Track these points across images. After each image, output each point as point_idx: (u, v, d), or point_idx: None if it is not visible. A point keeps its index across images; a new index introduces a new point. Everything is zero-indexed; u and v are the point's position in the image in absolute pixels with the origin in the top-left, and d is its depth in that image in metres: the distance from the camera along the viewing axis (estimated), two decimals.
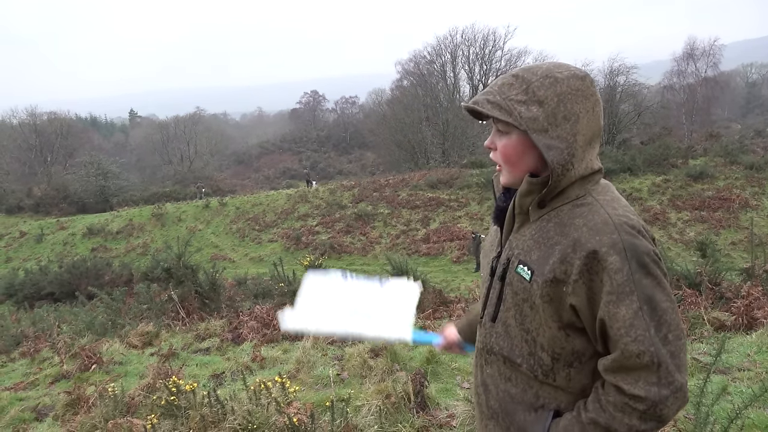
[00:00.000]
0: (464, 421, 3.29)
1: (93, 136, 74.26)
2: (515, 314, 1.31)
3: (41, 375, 5.32)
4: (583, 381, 1.29)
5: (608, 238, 1.18)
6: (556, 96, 1.23)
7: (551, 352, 1.28)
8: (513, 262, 1.32)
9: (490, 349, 1.39)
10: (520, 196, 1.30)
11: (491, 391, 1.40)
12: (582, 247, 1.19)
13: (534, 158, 1.29)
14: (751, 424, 3.00)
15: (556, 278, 1.22)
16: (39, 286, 14.93)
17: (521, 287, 1.29)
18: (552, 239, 1.26)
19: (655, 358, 1.15)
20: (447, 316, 6.44)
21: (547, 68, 1.26)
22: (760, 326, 4.64)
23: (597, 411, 1.21)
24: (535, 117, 1.22)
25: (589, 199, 1.27)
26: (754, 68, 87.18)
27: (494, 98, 1.27)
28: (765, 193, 21.02)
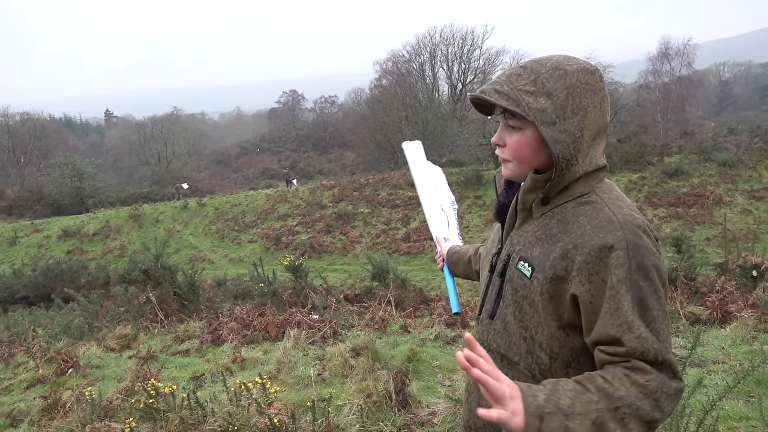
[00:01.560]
0: (446, 419, 3.30)
1: (67, 137, 73.08)
2: (514, 311, 1.30)
3: (16, 380, 5.21)
4: None
5: (612, 235, 1.16)
6: (566, 89, 1.20)
7: (549, 351, 1.26)
8: (513, 258, 1.31)
9: (488, 346, 1.36)
10: (524, 192, 1.28)
11: None
12: (584, 244, 1.17)
13: (545, 156, 1.26)
14: (726, 415, 3.06)
15: (557, 275, 1.20)
16: (13, 290, 14.63)
17: (521, 284, 1.27)
18: (554, 236, 1.24)
19: (651, 355, 1.13)
20: (428, 314, 6.46)
21: (556, 60, 1.23)
22: (733, 320, 4.74)
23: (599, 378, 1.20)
24: (543, 108, 1.19)
25: (594, 197, 1.25)
26: (727, 67, 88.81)
27: (502, 88, 1.23)
28: (738, 189, 21.43)
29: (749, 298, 5.01)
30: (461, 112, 48.34)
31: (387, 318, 5.94)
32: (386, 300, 6.61)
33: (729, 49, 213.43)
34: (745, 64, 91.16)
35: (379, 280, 8.26)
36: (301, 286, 7.52)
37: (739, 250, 6.57)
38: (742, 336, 4.33)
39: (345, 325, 5.78)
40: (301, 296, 7.27)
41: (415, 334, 5.39)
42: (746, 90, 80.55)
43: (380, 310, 6.12)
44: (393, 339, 5.26)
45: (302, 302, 7.07)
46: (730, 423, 2.99)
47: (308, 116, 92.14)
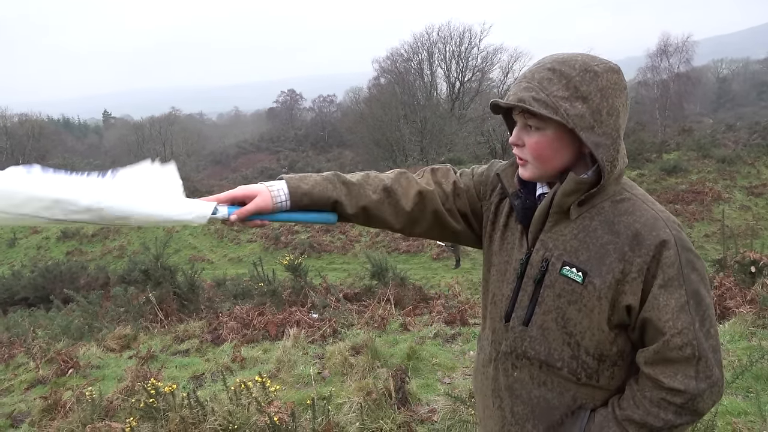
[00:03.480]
0: (445, 416, 3.31)
1: (66, 138, 72.92)
2: (556, 317, 1.26)
3: (16, 381, 5.22)
4: (624, 377, 1.28)
5: (664, 233, 1.17)
6: (599, 91, 1.18)
7: (598, 354, 1.25)
8: (554, 263, 1.26)
9: (523, 353, 1.31)
10: (563, 195, 1.23)
11: (520, 396, 1.33)
12: (641, 245, 1.17)
13: (568, 155, 1.24)
14: (725, 410, 3.07)
15: (615, 278, 1.19)
16: (12, 291, 14.61)
17: (568, 289, 1.23)
18: (601, 238, 1.22)
19: (697, 352, 1.16)
20: (427, 312, 6.47)
21: (583, 61, 1.20)
22: (732, 316, 4.75)
23: (632, 408, 1.22)
24: (582, 114, 1.16)
25: (626, 194, 1.25)
26: (725, 64, 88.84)
27: (539, 95, 1.18)
28: (736, 185, 21.46)
29: (748, 294, 5.03)
30: (460, 111, 48.34)
31: (386, 316, 5.95)
32: (386, 298, 6.62)
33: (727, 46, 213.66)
34: (743, 60, 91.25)
35: (379, 278, 8.27)
36: (300, 285, 7.53)
37: (737, 246, 6.57)
38: (741, 332, 4.35)
39: (344, 323, 5.78)
40: (300, 295, 7.27)
41: (414, 332, 5.40)
42: (744, 87, 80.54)
43: (380, 309, 6.13)
44: (392, 337, 5.26)
45: (302, 301, 7.08)
46: (729, 418, 3.00)
47: (307, 116, 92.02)
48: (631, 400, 1.22)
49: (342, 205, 1.38)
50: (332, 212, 1.39)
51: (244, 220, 1.34)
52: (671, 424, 1.19)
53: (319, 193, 1.36)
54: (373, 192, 1.40)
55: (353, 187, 1.39)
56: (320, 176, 1.40)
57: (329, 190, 1.37)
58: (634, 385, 1.24)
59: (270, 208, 1.34)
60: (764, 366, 3.47)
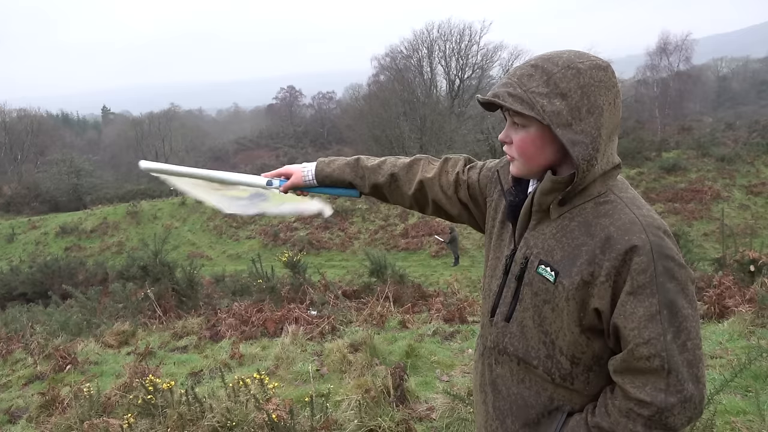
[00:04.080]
0: (444, 414, 3.31)
1: (65, 134, 72.79)
2: (533, 315, 1.27)
3: (14, 376, 5.21)
4: (601, 384, 1.26)
5: (637, 238, 1.14)
6: (580, 88, 1.16)
7: (571, 356, 1.24)
8: (532, 261, 1.27)
9: (504, 349, 1.33)
10: (541, 193, 1.24)
11: (501, 392, 1.35)
12: (611, 248, 1.15)
13: (552, 152, 1.23)
14: (723, 409, 3.07)
15: (584, 280, 1.17)
16: (10, 287, 14.61)
17: (543, 288, 1.24)
18: (577, 239, 1.21)
19: (666, 364, 1.12)
20: (426, 310, 6.46)
21: (567, 58, 1.19)
22: (731, 315, 4.75)
23: (602, 415, 1.20)
24: (559, 111, 1.16)
25: (612, 196, 1.22)
26: (725, 62, 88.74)
27: (515, 90, 1.19)
28: (736, 184, 21.48)
29: (747, 293, 5.02)
30: (459, 108, 48.29)
31: (385, 314, 5.94)
32: (384, 296, 6.61)
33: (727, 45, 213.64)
34: (743, 59, 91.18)
35: (378, 275, 8.27)
36: (299, 282, 7.53)
37: (736, 245, 6.59)
38: (740, 331, 4.35)
39: (343, 320, 5.78)
40: (299, 292, 7.27)
41: (413, 330, 5.39)
42: (744, 85, 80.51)
43: (378, 306, 6.12)
44: (391, 335, 5.26)
45: (300, 298, 7.08)
46: (728, 417, 3.00)
47: (306, 112, 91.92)
48: (603, 407, 1.21)
49: (356, 186, 1.70)
50: (353, 189, 1.72)
51: (288, 191, 1.76)
52: None
53: (337, 175, 1.70)
54: (381, 176, 1.65)
55: (366, 171, 1.68)
56: (343, 160, 1.72)
57: (346, 173, 1.69)
58: (608, 393, 1.22)
59: (301, 184, 1.74)
60: (763, 365, 3.47)
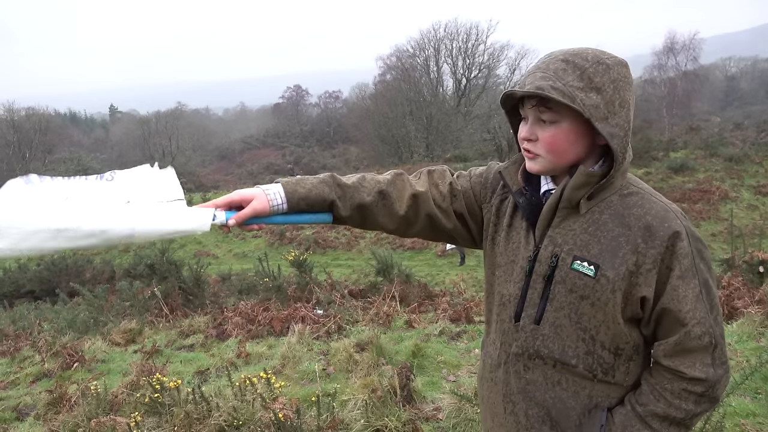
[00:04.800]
0: (450, 414, 3.30)
1: (72, 132, 73.17)
2: (569, 313, 1.25)
3: (22, 374, 5.23)
4: (638, 373, 1.29)
5: (675, 224, 1.19)
6: (612, 83, 1.19)
7: (614, 348, 1.25)
8: (564, 258, 1.25)
9: (536, 353, 1.30)
10: (573, 188, 1.23)
11: (534, 398, 1.31)
12: (654, 236, 1.18)
13: (582, 148, 1.25)
14: (733, 411, 3.05)
15: (629, 270, 1.19)
16: (18, 284, 14.68)
17: (580, 284, 1.23)
18: (612, 231, 1.22)
19: (713, 339, 1.19)
20: (432, 309, 6.45)
21: (594, 54, 1.21)
22: (740, 316, 4.72)
23: (653, 402, 1.22)
24: (597, 104, 1.17)
25: (633, 188, 1.26)
26: (733, 62, 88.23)
27: (556, 84, 1.18)
28: (744, 184, 21.35)
29: (756, 294, 4.99)
30: (466, 108, 48.22)
31: (391, 313, 5.93)
32: (390, 295, 6.60)
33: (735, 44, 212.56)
34: (752, 58, 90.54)
35: (384, 275, 8.27)
36: (305, 281, 7.53)
37: (745, 245, 6.54)
38: (749, 332, 4.32)
39: (349, 320, 5.78)
40: (305, 291, 7.27)
41: (419, 330, 5.38)
42: (752, 85, 80.00)
43: (384, 306, 6.12)
44: (397, 334, 5.25)
45: (307, 297, 7.08)
46: (737, 419, 2.97)
47: (312, 111, 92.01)
48: (650, 394, 1.23)
49: (337, 207, 1.38)
50: (327, 213, 1.38)
51: (242, 224, 1.36)
52: (692, 414, 1.22)
53: (315, 195, 1.36)
54: (368, 195, 1.39)
55: (348, 189, 1.39)
56: (316, 179, 1.39)
57: (325, 192, 1.36)
58: (650, 379, 1.25)
59: (267, 211, 1.35)
60: None
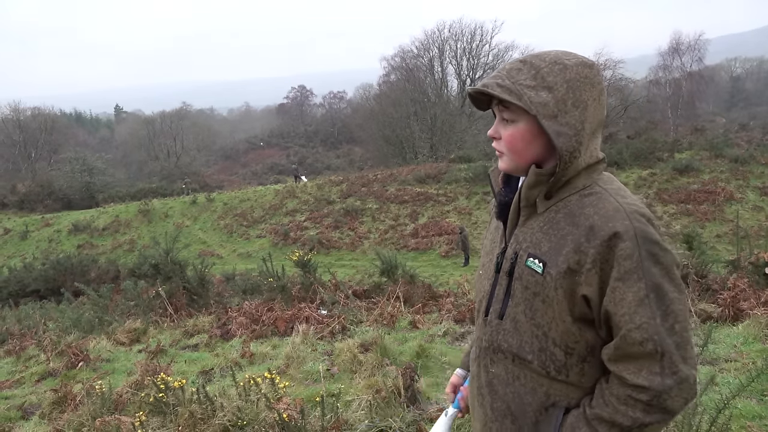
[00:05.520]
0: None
1: (78, 132, 73.47)
2: (525, 309, 1.29)
3: (27, 373, 5.26)
4: (596, 375, 1.27)
5: (620, 224, 1.17)
6: (566, 82, 1.22)
7: (564, 346, 1.26)
8: (521, 255, 1.30)
9: (498, 347, 1.34)
10: (527, 188, 1.28)
11: (498, 392, 1.36)
12: (595, 236, 1.18)
13: (540, 147, 1.27)
14: (739, 414, 3.03)
15: (570, 268, 1.20)
16: (23, 284, 14.75)
17: (532, 281, 1.26)
18: (563, 230, 1.24)
19: (659, 347, 1.14)
20: (436, 310, 6.45)
21: (555, 55, 1.26)
22: (746, 317, 4.69)
23: (600, 406, 1.21)
24: (545, 102, 1.21)
25: (597, 188, 1.26)
26: (739, 62, 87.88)
27: (503, 82, 1.24)
28: (749, 185, 21.26)
29: (762, 296, 4.96)
30: (470, 108, 48.13)
31: (395, 314, 5.93)
32: (395, 296, 6.60)
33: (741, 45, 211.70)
34: (757, 59, 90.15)
35: (388, 275, 8.26)
36: (309, 281, 7.53)
37: (751, 247, 6.51)
38: (755, 334, 4.29)
39: (353, 320, 5.77)
40: (309, 291, 7.27)
41: (423, 330, 5.38)
42: (758, 85, 79.71)
43: (389, 306, 6.12)
44: (401, 335, 5.25)
45: (311, 297, 7.08)
46: (743, 422, 2.96)
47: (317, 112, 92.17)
48: (600, 398, 1.22)
49: None
50: None
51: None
52: (640, 423, 1.17)
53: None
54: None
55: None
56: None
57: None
58: (603, 384, 1.24)
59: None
60: None
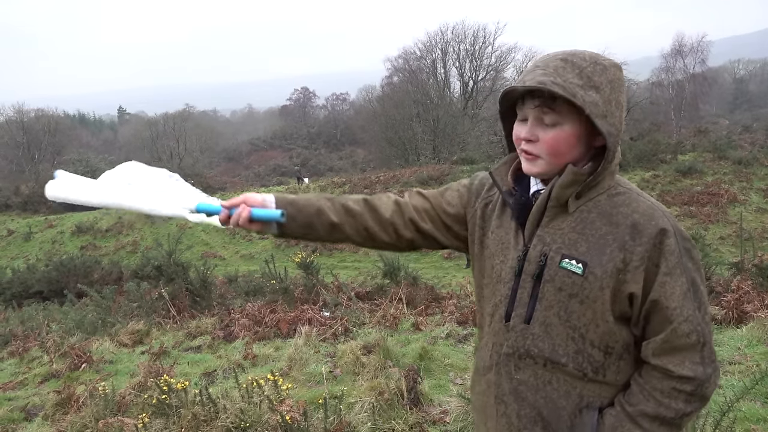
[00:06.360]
0: (458, 417, 3.29)
1: (81, 134, 73.66)
2: (558, 312, 1.26)
3: (30, 374, 5.26)
4: (630, 372, 1.28)
5: (662, 221, 1.20)
6: (609, 83, 1.21)
7: (604, 346, 1.25)
8: (552, 257, 1.26)
9: (526, 352, 1.30)
10: (562, 187, 1.25)
11: (526, 399, 1.31)
12: (641, 233, 1.20)
13: (581, 149, 1.27)
14: (743, 416, 3.02)
15: (616, 267, 1.20)
16: (27, 285, 14.77)
17: (569, 282, 1.24)
18: (600, 229, 1.24)
19: (701, 338, 1.20)
20: (439, 312, 6.44)
21: (590, 54, 1.24)
22: (750, 320, 4.68)
23: (643, 401, 1.22)
24: (596, 102, 1.19)
25: (621, 188, 1.27)
26: (742, 64, 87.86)
27: (557, 80, 1.19)
28: (753, 187, 21.20)
29: (766, 298, 4.95)
30: (473, 110, 48.18)
31: (398, 316, 5.92)
32: (397, 297, 6.59)
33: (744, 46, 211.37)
34: (761, 61, 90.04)
35: (391, 277, 8.26)
36: (312, 283, 7.53)
37: (754, 249, 6.50)
38: (759, 336, 4.28)
39: (356, 322, 5.77)
40: (312, 293, 7.27)
41: (426, 332, 5.37)
42: (761, 87, 79.58)
43: (391, 308, 6.11)
44: (404, 337, 5.24)
45: (313, 299, 7.08)
46: (748, 425, 2.95)
47: (319, 113, 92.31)
48: (640, 394, 1.23)
49: (326, 213, 1.43)
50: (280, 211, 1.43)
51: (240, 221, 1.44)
52: (682, 413, 1.21)
53: (303, 201, 1.43)
54: (354, 203, 1.47)
55: (336, 199, 1.47)
56: (307, 194, 1.48)
57: (313, 200, 1.44)
58: (639, 379, 1.25)
59: (259, 201, 1.43)
60: None
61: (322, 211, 1.42)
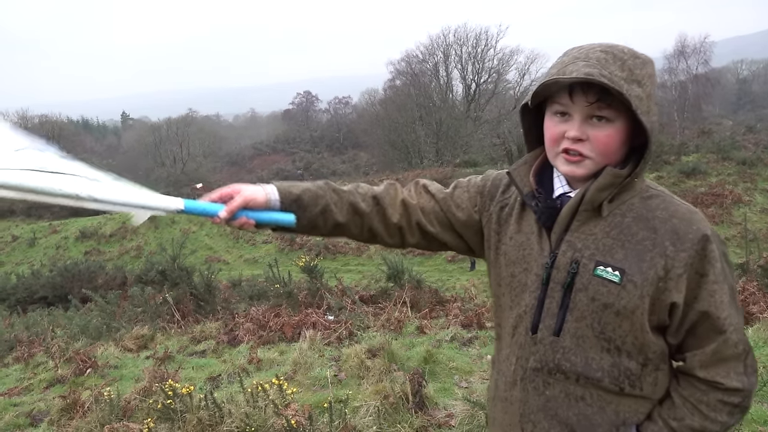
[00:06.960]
0: (463, 421, 3.28)
1: (85, 139, 73.84)
2: (592, 323, 1.16)
3: (35, 380, 5.27)
4: (666, 385, 1.22)
5: (704, 226, 1.14)
6: (649, 78, 1.14)
7: (642, 358, 1.17)
8: (586, 264, 1.17)
9: (556, 367, 1.20)
10: (598, 190, 1.15)
11: (558, 416, 1.21)
12: (682, 240, 1.12)
13: (626, 147, 1.19)
14: (750, 418, 3.01)
15: (657, 275, 1.12)
16: (32, 290, 14.79)
17: (604, 291, 1.15)
18: (637, 234, 1.15)
19: (746, 347, 1.15)
20: (444, 315, 6.43)
21: (628, 48, 1.15)
22: (756, 321, 4.66)
23: (687, 415, 1.16)
24: (641, 97, 1.11)
25: (653, 191, 1.20)
26: (745, 65, 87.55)
27: (603, 72, 1.08)
28: (757, 188, 21.14)
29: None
30: (475, 113, 48.18)
31: (402, 319, 5.92)
32: (402, 301, 6.58)
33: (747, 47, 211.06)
34: (764, 61, 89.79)
35: (394, 280, 8.24)
36: (316, 286, 7.53)
37: (759, 250, 6.48)
38: (765, 338, 4.26)
39: (360, 326, 5.77)
40: (316, 297, 7.27)
41: (431, 335, 5.37)
42: (765, 88, 79.29)
43: (396, 311, 6.10)
44: (409, 340, 5.24)
45: (317, 303, 7.07)
46: (755, 426, 2.94)
47: (322, 117, 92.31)
48: (684, 407, 1.17)
49: (332, 212, 1.33)
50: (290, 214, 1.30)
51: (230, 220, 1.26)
52: (726, 425, 1.16)
53: (309, 197, 1.31)
54: (363, 200, 1.36)
55: (344, 194, 1.35)
56: (310, 183, 1.36)
57: (319, 196, 1.32)
58: (682, 392, 1.18)
59: (262, 201, 1.27)
60: None
61: (327, 210, 1.32)
